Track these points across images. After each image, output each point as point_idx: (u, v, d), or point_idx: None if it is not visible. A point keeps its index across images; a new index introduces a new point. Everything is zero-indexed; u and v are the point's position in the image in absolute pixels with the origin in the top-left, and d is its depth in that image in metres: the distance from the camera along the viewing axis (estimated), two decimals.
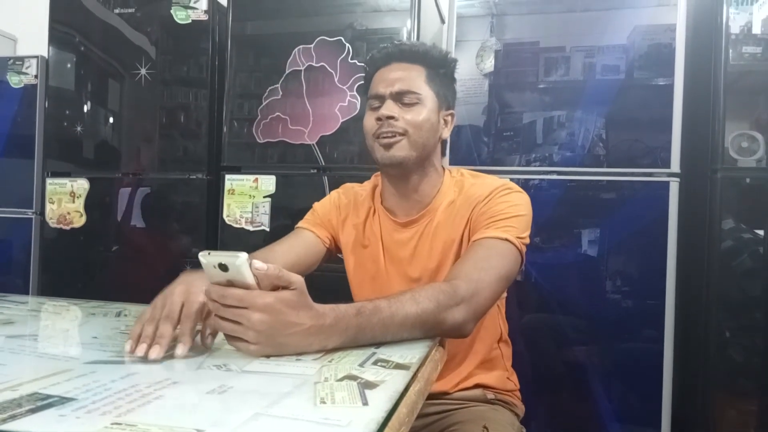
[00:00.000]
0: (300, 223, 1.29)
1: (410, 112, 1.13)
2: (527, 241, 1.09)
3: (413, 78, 1.15)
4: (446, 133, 1.21)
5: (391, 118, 1.11)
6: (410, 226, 1.19)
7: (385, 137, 1.12)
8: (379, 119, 1.12)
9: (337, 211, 1.28)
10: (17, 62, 2.46)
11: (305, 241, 1.24)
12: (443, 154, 1.26)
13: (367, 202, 1.26)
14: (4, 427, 0.46)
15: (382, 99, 1.14)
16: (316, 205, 1.32)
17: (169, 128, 2.23)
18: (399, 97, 1.13)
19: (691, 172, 1.81)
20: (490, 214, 1.09)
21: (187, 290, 0.79)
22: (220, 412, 0.53)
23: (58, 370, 0.65)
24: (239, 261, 0.69)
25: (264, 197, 2.03)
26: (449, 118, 1.22)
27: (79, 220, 2.28)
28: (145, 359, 0.70)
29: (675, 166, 1.73)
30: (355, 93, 1.94)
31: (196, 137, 2.20)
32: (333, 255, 1.29)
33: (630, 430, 1.73)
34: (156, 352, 0.71)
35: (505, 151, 1.87)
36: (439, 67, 1.19)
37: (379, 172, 1.27)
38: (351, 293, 1.28)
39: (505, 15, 1.91)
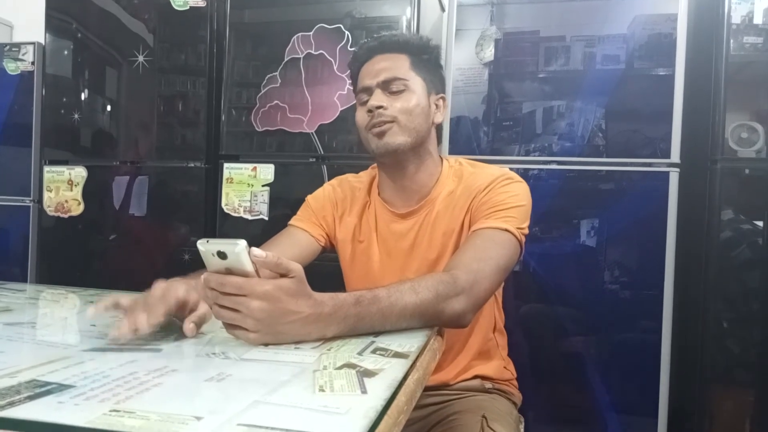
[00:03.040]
0: (293, 221, 1.26)
1: (399, 99, 1.12)
2: (526, 231, 1.09)
3: (398, 66, 1.14)
4: (439, 118, 1.20)
5: (381, 107, 1.11)
6: (409, 216, 1.19)
7: (376, 126, 1.12)
8: (370, 111, 1.12)
9: (333, 207, 1.26)
10: (13, 49, 2.44)
11: (299, 241, 1.22)
12: (439, 141, 1.25)
13: (364, 195, 1.25)
14: (2, 413, 0.46)
15: (369, 91, 1.14)
16: (309, 198, 1.30)
17: (167, 116, 2.22)
18: (386, 86, 1.13)
19: (690, 162, 1.81)
20: (491, 204, 1.09)
21: (168, 285, 0.79)
22: (218, 400, 0.53)
23: (57, 357, 0.65)
24: (238, 248, 0.69)
25: (262, 186, 2.03)
26: (440, 102, 1.21)
27: (77, 209, 2.27)
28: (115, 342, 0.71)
29: (675, 156, 1.73)
30: None
31: (194, 125, 2.19)
32: (327, 251, 1.28)
33: (627, 420, 1.74)
34: (123, 331, 0.71)
35: (504, 140, 1.87)
36: (422, 54, 1.19)
37: (376, 165, 1.26)
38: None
39: (505, 4, 1.90)
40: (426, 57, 1.19)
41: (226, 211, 2.06)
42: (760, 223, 1.72)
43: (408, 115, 1.12)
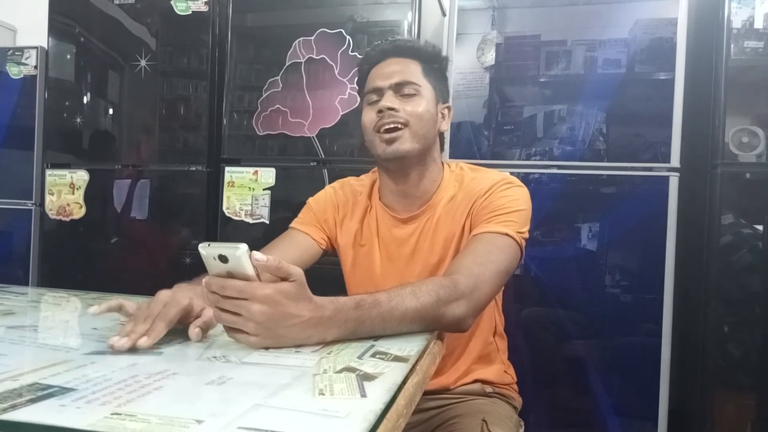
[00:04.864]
0: (294, 223, 1.26)
1: (410, 103, 1.13)
2: (527, 235, 1.09)
3: (410, 71, 1.15)
4: (444, 126, 1.21)
5: (392, 109, 1.11)
6: (411, 221, 1.19)
7: (386, 131, 1.12)
8: (380, 111, 1.12)
9: (334, 210, 1.26)
10: (17, 53, 2.45)
11: (300, 244, 1.22)
12: (442, 148, 1.26)
13: (365, 199, 1.25)
14: (4, 416, 0.46)
15: (380, 92, 1.14)
16: (310, 201, 1.29)
17: (169, 120, 2.23)
18: (398, 89, 1.13)
19: (691, 167, 1.81)
20: (491, 209, 1.09)
21: (172, 294, 0.79)
22: (219, 403, 0.54)
23: (59, 360, 0.65)
24: (239, 252, 0.69)
25: (264, 190, 2.03)
26: (446, 111, 1.22)
27: (78, 212, 2.28)
28: (112, 349, 0.70)
29: (675, 160, 1.73)
30: (355, 86, 1.92)
31: (196, 129, 2.19)
32: (329, 254, 1.28)
33: (628, 423, 1.74)
34: (121, 343, 0.70)
35: (505, 144, 1.87)
36: (433, 62, 1.20)
37: (377, 168, 1.26)
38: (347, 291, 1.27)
39: (506, 8, 1.90)
40: (436, 66, 1.21)
41: (227, 214, 2.06)
42: (761, 228, 1.72)
43: (418, 119, 1.12)
